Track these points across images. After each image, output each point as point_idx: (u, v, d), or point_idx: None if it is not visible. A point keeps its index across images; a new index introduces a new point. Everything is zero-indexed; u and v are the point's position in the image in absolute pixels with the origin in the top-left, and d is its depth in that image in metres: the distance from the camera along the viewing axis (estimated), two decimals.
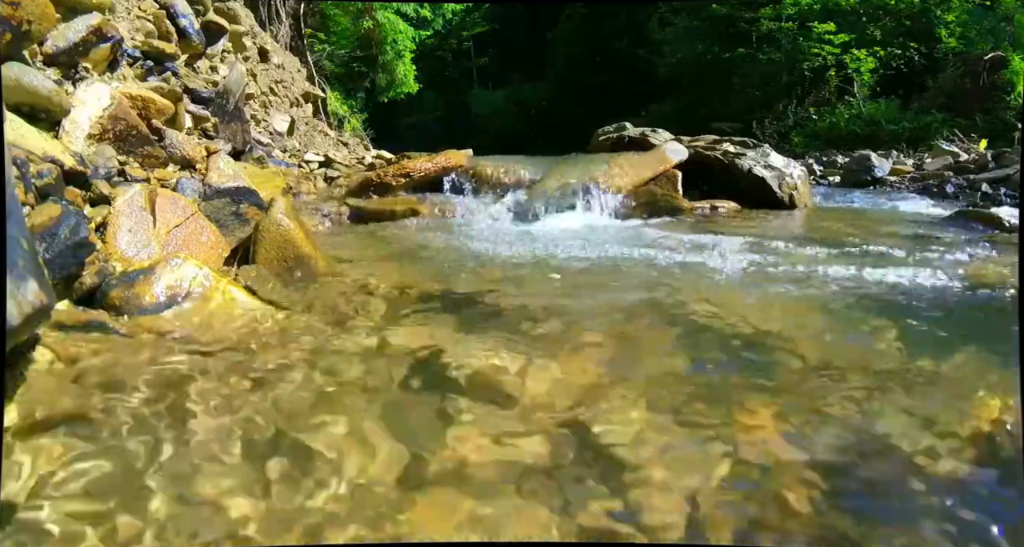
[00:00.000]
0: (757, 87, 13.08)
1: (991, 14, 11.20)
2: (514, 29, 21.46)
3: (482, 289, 2.09)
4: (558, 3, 19.24)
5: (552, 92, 19.65)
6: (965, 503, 0.97)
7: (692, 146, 4.54)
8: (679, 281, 2.19)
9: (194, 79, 3.87)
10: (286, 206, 2.24)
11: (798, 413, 1.21)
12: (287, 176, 4.15)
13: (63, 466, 1.02)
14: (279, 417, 1.19)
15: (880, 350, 1.56)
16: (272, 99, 7.02)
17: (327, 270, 2.21)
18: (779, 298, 1.98)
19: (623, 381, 1.37)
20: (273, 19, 8.87)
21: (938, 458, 1.08)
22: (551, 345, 1.57)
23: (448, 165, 4.10)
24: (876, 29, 12.08)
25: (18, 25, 2.18)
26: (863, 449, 1.11)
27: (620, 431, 1.15)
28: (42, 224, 1.62)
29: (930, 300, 1.97)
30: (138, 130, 2.61)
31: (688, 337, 1.65)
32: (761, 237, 3.03)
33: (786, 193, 4.27)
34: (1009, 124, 9.03)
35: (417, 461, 1.07)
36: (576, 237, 3.12)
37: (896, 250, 2.70)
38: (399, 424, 1.19)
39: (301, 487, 1.00)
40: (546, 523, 0.93)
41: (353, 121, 11.34)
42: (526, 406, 1.26)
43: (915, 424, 1.18)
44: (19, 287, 1.04)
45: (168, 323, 1.63)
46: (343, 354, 1.50)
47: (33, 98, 2.18)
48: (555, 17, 20.37)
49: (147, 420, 1.16)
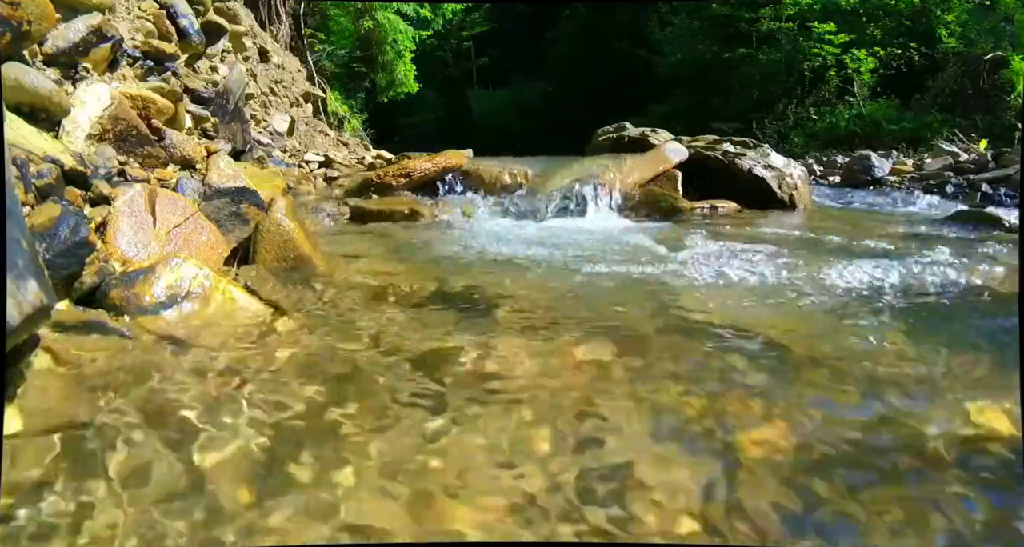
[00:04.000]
0: (757, 87, 13.07)
1: (991, 14, 11.19)
2: (514, 29, 21.45)
3: (482, 288, 2.09)
4: (558, 3, 19.25)
5: (552, 92, 19.65)
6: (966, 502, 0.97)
7: (692, 146, 4.54)
8: (679, 281, 2.19)
9: (194, 79, 3.87)
10: (286, 206, 2.24)
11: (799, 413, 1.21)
12: (287, 176, 4.16)
13: (64, 467, 1.02)
14: (279, 417, 1.19)
15: (879, 350, 1.56)
16: (272, 99, 7.03)
17: (327, 270, 2.21)
18: (779, 299, 1.98)
19: (624, 380, 1.37)
20: (273, 19, 8.87)
21: (935, 460, 1.08)
22: (551, 344, 1.57)
23: (448, 165, 4.10)
24: (876, 29, 12.08)
25: (18, 25, 2.18)
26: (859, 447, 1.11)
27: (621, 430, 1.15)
28: (42, 224, 1.62)
29: (931, 300, 1.97)
30: (138, 130, 2.61)
31: (687, 334, 1.65)
32: (761, 237, 3.03)
33: (786, 193, 4.27)
34: (1009, 124, 9.03)
35: (418, 460, 1.07)
36: (576, 237, 3.12)
37: (896, 250, 2.70)
38: (399, 424, 1.19)
39: (302, 487, 1.00)
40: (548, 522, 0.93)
41: (353, 121, 11.34)
42: (526, 405, 1.26)
43: (916, 424, 1.18)
44: (19, 287, 1.04)
45: (168, 323, 1.64)
46: (344, 354, 1.50)
47: (33, 98, 2.18)
48: (555, 17, 20.37)
49: (147, 420, 1.16)
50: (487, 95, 22.22)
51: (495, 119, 20.32)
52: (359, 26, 11.60)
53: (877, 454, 1.10)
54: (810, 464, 1.06)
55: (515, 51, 20.99)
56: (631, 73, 16.46)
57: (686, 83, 14.55)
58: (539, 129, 17.21)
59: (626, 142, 5.12)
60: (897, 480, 1.03)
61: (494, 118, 20.43)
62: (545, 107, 19.34)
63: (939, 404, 1.27)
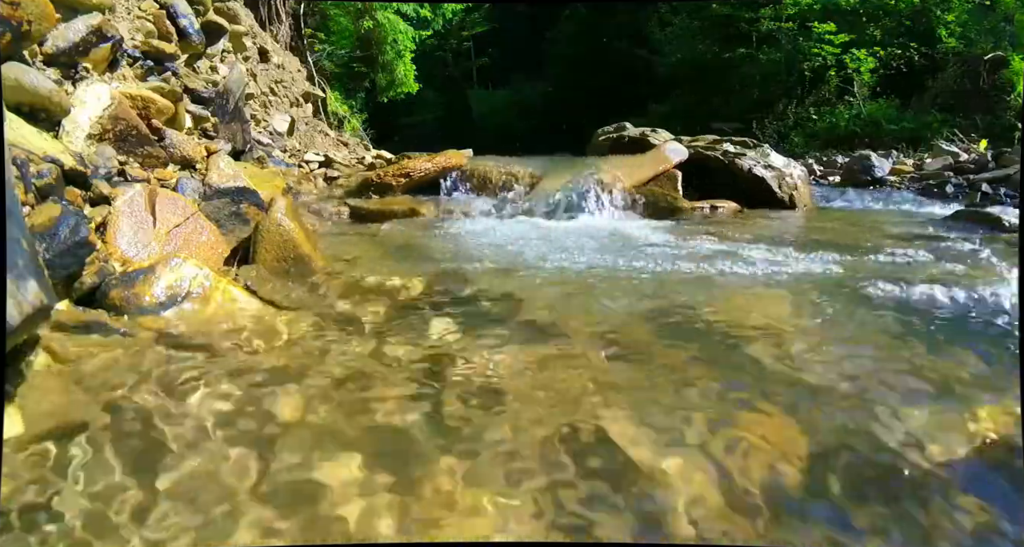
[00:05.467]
0: (757, 87, 13.06)
1: (991, 14, 11.18)
2: (514, 29, 21.43)
3: (482, 288, 2.09)
4: (558, 3, 19.23)
5: (552, 92, 19.62)
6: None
7: (692, 146, 4.54)
8: (679, 282, 2.19)
9: (194, 79, 3.87)
10: (286, 206, 2.24)
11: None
12: (287, 176, 4.15)
13: (64, 466, 1.02)
14: (280, 418, 1.19)
15: (878, 349, 1.56)
16: (272, 99, 7.03)
17: (327, 270, 2.21)
18: (779, 299, 1.98)
19: (624, 380, 1.38)
20: (273, 19, 8.86)
21: (937, 462, 1.08)
22: (551, 343, 1.57)
23: (448, 165, 4.10)
24: (876, 29, 12.06)
25: (18, 25, 2.18)
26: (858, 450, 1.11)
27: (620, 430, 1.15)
28: (42, 224, 1.62)
29: (930, 301, 1.96)
30: (138, 130, 2.61)
31: (687, 337, 1.65)
32: (761, 238, 3.03)
33: (786, 193, 4.27)
34: (1009, 124, 9.02)
35: (418, 459, 1.07)
36: (576, 237, 3.12)
37: (896, 251, 2.69)
38: (399, 423, 1.19)
39: (300, 486, 1.00)
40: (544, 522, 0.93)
41: (353, 121, 11.33)
42: (526, 404, 1.26)
43: (916, 425, 1.18)
44: (19, 287, 1.04)
45: (168, 323, 1.64)
46: (344, 354, 1.50)
47: (33, 98, 2.18)
48: (555, 17, 20.34)
49: (147, 421, 1.16)
50: (487, 95, 22.20)
51: (495, 119, 20.30)
52: (359, 26, 11.58)
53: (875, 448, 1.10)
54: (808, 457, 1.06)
55: (515, 51, 20.96)
56: (631, 73, 16.44)
57: (686, 83, 14.53)
58: (539, 129, 17.18)
59: (626, 142, 5.13)
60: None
61: (494, 118, 20.41)
62: (545, 107, 19.31)
63: (939, 405, 1.27)
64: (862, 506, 0.97)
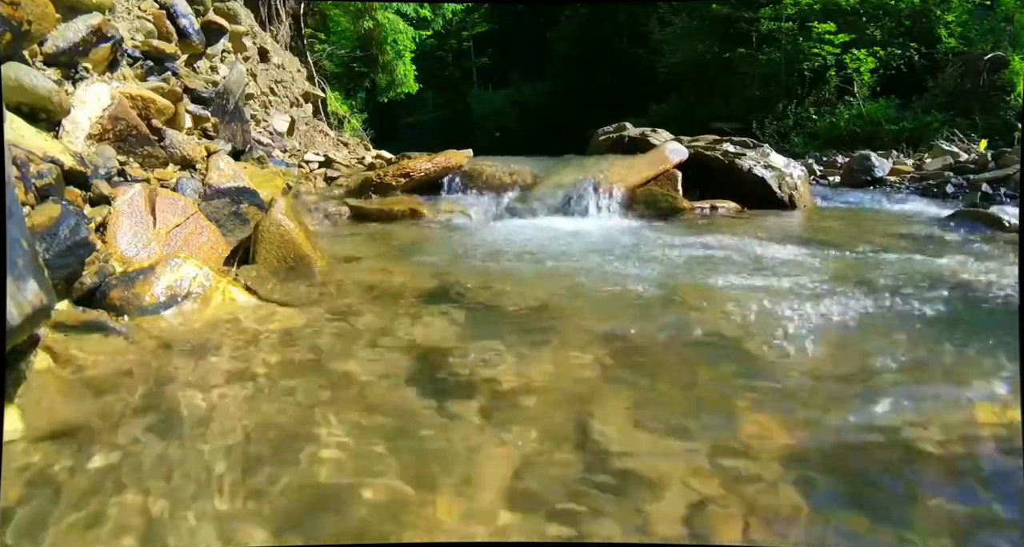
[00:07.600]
0: (757, 87, 13.05)
1: (991, 14, 11.17)
2: (514, 29, 21.43)
3: (481, 288, 2.09)
4: (558, 3, 19.22)
5: (552, 92, 19.61)
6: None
7: (692, 146, 4.53)
8: (679, 283, 2.19)
9: (194, 79, 3.87)
10: (286, 206, 2.25)
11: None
12: (287, 176, 4.15)
13: (63, 466, 1.02)
14: (280, 417, 1.19)
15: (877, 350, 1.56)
16: (272, 99, 7.03)
17: (327, 270, 2.21)
18: (779, 299, 1.98)
19: (622, 379, 1.38)
20: (273, 19, 8.86)
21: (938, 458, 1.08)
22: (551, 342, 1.57)
23: (448, 165, 4.09)
24: (876, 29, 12.05)
25: (18, 25, 2.17)
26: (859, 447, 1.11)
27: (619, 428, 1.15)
28: (42, 224, 1.62)
29: (930, 301, 1.96)
30: (138, 130, 2.61)
31: (687, 339, 1.65)
32: (762, 238, 3.03)
33: (786, 193, 4.27)
34: (1009, 124, 9.01)
35: (418, 459, 1.07)
36: (575, 237, 3.12)
37: (896, 251, 2.69)
38: (400, 423, 1.19)
39: (300, 487, 1.00)
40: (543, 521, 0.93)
41: (353, 121, 11.33)
42: (526, 403, 1.26)
43: (915, 426, 1.18)
44: (19, 287, 1.04)
45: (168, 323, 1.64)
46: (343, 353, 1.50)
47: (33, 98, 2.18)
48: (555, 17, 20.33)
49: (147, 421, 1.16)
50: (487, 95, 22.19)
51: (495, 119, 20.30)
52: (359, 26, 11.57)
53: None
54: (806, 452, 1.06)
55: (515, 51, 20.97)
56: (631, 73, 16.42)
57: (686, 83, 14.52)
58: (539, 129, 17.17)
59: (626, 142, 5.12)
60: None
61: (494, 118, 20.42)
62: (545, 107, 19.29)
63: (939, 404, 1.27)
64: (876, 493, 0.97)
